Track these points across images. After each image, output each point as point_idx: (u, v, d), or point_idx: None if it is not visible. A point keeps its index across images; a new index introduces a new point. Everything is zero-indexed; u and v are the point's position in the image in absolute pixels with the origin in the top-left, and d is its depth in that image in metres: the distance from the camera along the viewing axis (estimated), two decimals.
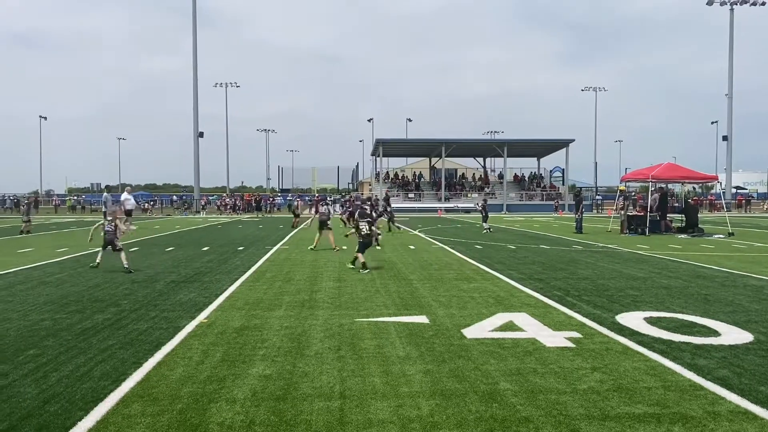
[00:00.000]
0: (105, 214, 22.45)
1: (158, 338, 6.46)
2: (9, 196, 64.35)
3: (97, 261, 12.46)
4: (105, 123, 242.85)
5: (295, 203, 34.63)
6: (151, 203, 60.10)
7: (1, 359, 5.65)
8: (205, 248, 17.06)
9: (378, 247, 16.88)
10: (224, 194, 73.88)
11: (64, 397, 4.60)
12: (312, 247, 16.66)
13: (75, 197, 65.83)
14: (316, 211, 18.26)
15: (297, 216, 28.93)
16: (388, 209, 26.13)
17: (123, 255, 12.05)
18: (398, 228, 25.44)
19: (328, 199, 48.37)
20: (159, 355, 5.79)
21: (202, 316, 7.61)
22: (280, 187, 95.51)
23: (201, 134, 53.73)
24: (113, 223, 12.16)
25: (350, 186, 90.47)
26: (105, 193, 23.94)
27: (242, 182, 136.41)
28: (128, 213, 24.70)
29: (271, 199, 59.57)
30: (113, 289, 9.70)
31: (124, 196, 26.37)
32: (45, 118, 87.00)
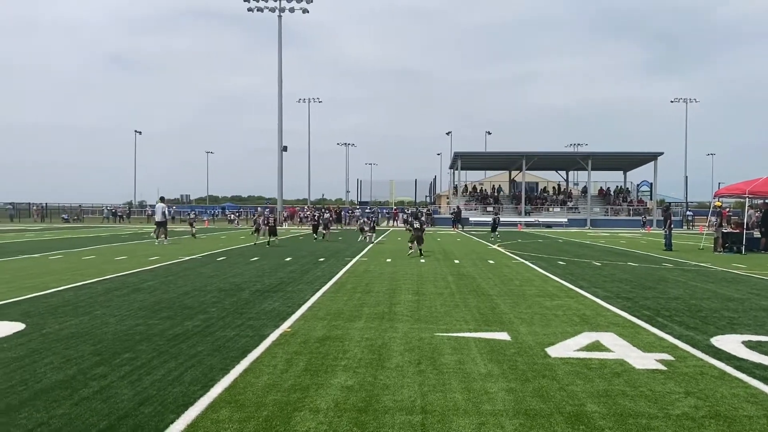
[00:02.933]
0: (158, 222, 24.95)
1: (244, 346, 6.66)
2: (107, 207, 68.37)
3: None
4: (193, 137, 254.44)
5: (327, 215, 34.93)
6: (237, 214, 62.25)
7: (100, 361, 5.97)
8: (288, 259, 17.48)
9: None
10: (305, 206, 75.56)
11: (157, 400, 4.80)
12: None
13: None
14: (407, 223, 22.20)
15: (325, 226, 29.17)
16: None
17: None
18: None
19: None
20: (245, 363, 5.95)
21: (285, 326, 7.79)
22: (359, 200, 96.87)
23: (285, 148, 55.25)
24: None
25: (427, 199, 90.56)
26: (159, 204, 26.00)
27: (323, 195, 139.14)
28: (159, 224, 25.31)
29: (350, 211, 60.41)
30: (202, 297, 10.09)
31: (157, 207, 27.12)
32: (140, 133, 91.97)
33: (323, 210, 47.87)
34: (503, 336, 7.35)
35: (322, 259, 17.39)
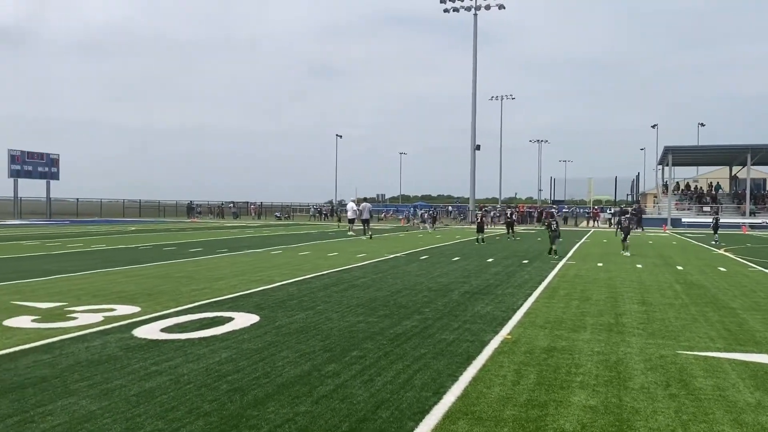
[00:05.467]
0: (351, 219, 30.08)
1: (467, 351, 6.43)
2: (313, 205, 73.58)
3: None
4: (388, 138, 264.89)
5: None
6: (428, 213, 63.26)
7: (331, 358, 6.11)
8: (489, 260, 17.12)
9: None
10: (497, 205, 74.62)
11: (393, 404, 4.72)
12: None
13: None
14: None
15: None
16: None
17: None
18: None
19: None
20: (472, 370, 5.71)
21: (504, 332, 7.44)
22: (552, 198, 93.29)
23: (478, 147, 55.00)
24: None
25: (629, 197, 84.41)
26: (350, 202, 31.35)
27: (515, 193, 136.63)
28: (350, 221, 30.79)
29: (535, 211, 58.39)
30: (413, 296, 10.12)
31: (349, 206, 31.84)
32: (340, 137, 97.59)
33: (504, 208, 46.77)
34: (763, 359, 6.29)
35: (525, 261, 16.77)
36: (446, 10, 53.77)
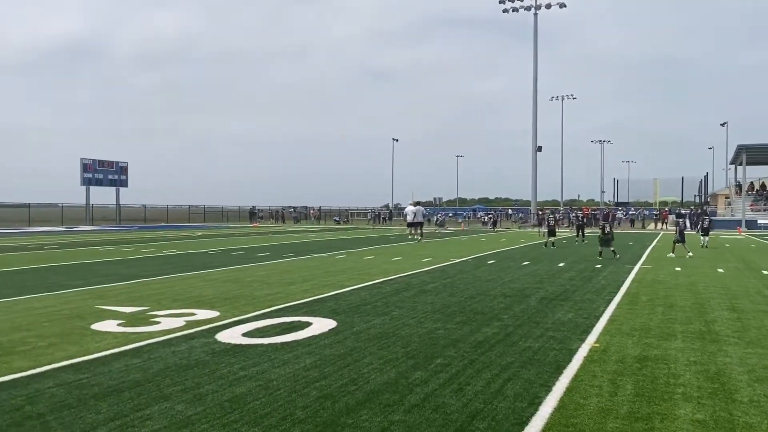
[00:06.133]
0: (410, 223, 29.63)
1: (555, 360, 6.21)
2: (371, 210, 73.86)
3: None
4: (445, 142, 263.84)
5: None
6: (488, 216, 62.55)
7: (416, 365, 6.01)
8: (561, 264, 16.68)
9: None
10: (559, 208, 73.11)
11: (488, 415, 4.58)
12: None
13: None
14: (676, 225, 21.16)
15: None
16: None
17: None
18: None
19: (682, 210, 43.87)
20: (564, 380, 5.50)
21: (590, 340, 7.17)
22: (615, 200, 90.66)
23: (539, 148, 54.11)
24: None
25: (696, 198, 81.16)
26: (409, 206, 30.64)
27: (578, 195, 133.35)
28: (410, 225, 30.06)
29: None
30: (488, 302, 9.92)
31: (408, 209, 31.05)
32: (396, 140, 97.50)
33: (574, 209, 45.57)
34: None
35: (598, 266, 16.25)
36: (505, 11, 53.19)
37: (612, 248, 18.92)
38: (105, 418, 4.51)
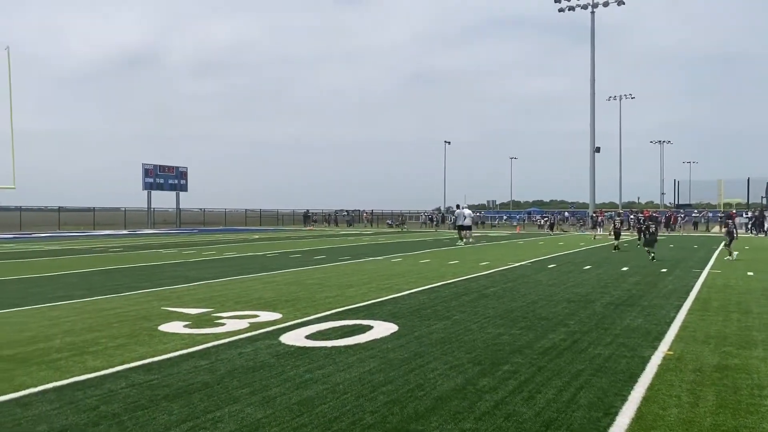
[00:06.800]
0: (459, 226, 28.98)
1: (628, 368, 5.98)
2: (424, 213, 73.64)
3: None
4: (500, 143, 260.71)
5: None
6: (545, 219, 61.41)
7: (483, 372, 5.88)
8: (624, 268, 16.18)
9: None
10: (619, 210, 71.13)
11: (563, 424, 4.42)
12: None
13: (477, 213, 71.73)
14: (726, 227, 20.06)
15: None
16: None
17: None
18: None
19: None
20: (639, 389, 5.28)
21: (663, 347, 6.88)
22: (676, 202, 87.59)
23: (598, 149, 52.82)
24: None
25: (764, 200, 77.67)
26: (464, 209, 29.87)
27: (638, 198, 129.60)
28: (460, 227, 29.11)
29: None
30: (552, 308, 9.67)
31: (457, 212, 30.34)
32: (449, 143, 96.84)
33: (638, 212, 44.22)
34: None
35: (664, 270, 15.68)
36: (561, 10, 52.24)
37: (653, 249, 18.91)
38: (177, 419, 4.56)
